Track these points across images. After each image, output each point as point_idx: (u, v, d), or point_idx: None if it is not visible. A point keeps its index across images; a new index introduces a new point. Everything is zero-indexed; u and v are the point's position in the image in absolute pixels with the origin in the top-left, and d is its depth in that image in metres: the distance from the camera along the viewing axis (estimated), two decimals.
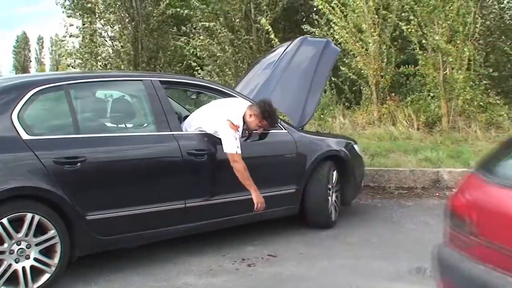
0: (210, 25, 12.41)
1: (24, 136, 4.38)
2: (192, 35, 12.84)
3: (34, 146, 4.38)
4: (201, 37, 12.68)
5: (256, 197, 5.41)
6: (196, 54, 13.16)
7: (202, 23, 12.56)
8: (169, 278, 4.76)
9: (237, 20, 12.58)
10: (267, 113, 5.54)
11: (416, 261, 5.09)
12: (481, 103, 10.71)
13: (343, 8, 11.25)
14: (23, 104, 4.48)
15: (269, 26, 11.52)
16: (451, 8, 10.10)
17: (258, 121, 5.55)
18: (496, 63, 11.88)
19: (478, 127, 10.32)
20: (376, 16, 11.01)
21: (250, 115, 5.52)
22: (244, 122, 5.54)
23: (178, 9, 13.07)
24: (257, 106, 5.57)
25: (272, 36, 11.48)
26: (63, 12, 13.80)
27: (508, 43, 11.99)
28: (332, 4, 11.25)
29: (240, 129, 5.45)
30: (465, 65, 10.19)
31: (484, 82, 11.02)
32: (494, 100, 10.86)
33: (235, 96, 5.92)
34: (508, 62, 11.61)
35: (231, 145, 5.29)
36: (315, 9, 13.65)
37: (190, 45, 12.84)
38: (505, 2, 12.81)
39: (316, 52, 7.22)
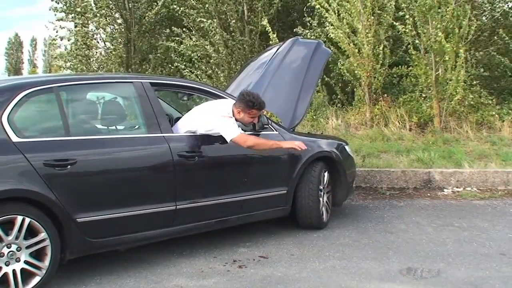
0: (206, 24, 12.35)
1: (14, 138, 4.37)
2: (185, 36, 12.77)
3: (24, 149, 4.37)
4: (194, 38, 12.64)
5: (289, 145, 5.66)
6: (189, 55, 13.13)
7: (200, 19, 12.48)
8: (160, 280, 4.76)
9: (233, 21, 12.57)
10: (251, 103, 5.56)
11: (407, 261, 5.13)
12: (472, 103, 10.76)
13: (339, 7, 11.25)
14: (13, 107, 4.46)
15: (270, 27, 11.52)
16: (447, 10, 10.12)
17: (248, 114, 5.58)
18: (488, 64, 11.91)
19: (470, 128, 10.37)
20: (372, 17, 11.02)
21: (238, 112, 5.56)
22: (237, 120, 5.56)
23: (175, 6, 13.00)
24: (239, 102, 5.60)
25: (274, 35, 11.47)
26: (55, 15, 13.76)
27: (500, 43, 12.01)
28: (329, 3, 11.24)
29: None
30: (459, 65, 10.21)
31: (476, 82, 11.05)
32: (485, 100, 10.90)
33: (225, 98, 5.92)
34: (500, 63, 11.62)
35: (232, 130, 5.36)
36: (308, 10, 13.68)
37: (183, 45, 12.79)
38: (496, 1, 12.85)
39: (307, 53, 7.24)
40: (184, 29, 12.90)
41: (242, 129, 5.72)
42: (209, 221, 5.46)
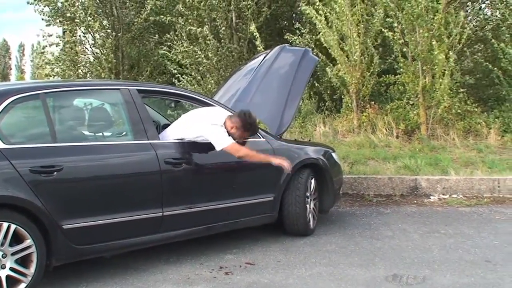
0: (197, 31, 12.31)
1: (0, 145, 4.36)
2: (175, 42, 12.74)
3: (11, 155, 4.36)
4: (185, 44, 12.61)
5: (278, 161, 5.62)
6: (178, 61, 13.12)
7: (189, 27, 12.45)
8: (147, 286, 4.76)
9: (223, 28, 12.58)
10: (248, 125, 5.58)
11: (393, 268, 5.16)
12: (459, 111, 10.83)
13: (328, 15, 11.31)
14: None
15: (257, 33, 11.57)
16: (435, 18, 10.19)
17: (241, 133, 5.56)
18: (474, 71, 12.00)
19: (456, 135, 10.44)
20: (362, 25, 11.07)
21: (232, 127, 5.52)
22: (228, 134, 5.55)
23: (162, 16, 12.98)
24: (238, 118, 5.57)
25: (258, 42, 11.53)
26: (42, 19, 13.67)
27: (489, 51, 12.12)
28: (319, 11, 11.29)
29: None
30: (447, 73, 10.28)
31: (462, 90, 11.13)
32: (472, 108, 10.98)
33: (213, 105, 5.93)
34: (486, 69, 11.71)
35: (224, 139, 5.36)
36: (297, 17, 13.73)
37: (173, 52, 12.77)
38: (485, 11, 12.98)
39: (294, 60, 7.27)
40: (175, 33, 12.86)
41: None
42: (196, 228, 5.46)
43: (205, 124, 5.44)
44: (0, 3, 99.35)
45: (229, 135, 5.51)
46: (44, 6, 13.47)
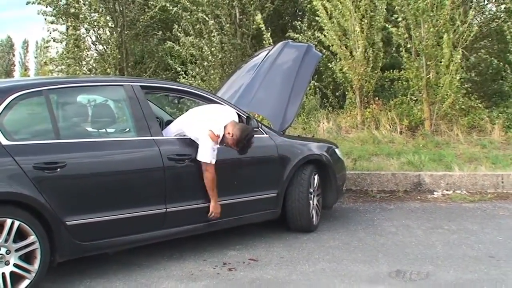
0: (210, 23, 12.25)
1: (4, 141, 4.37)
2: (181, 35, 12.68)
3: (14, 152, 4.37)
4: (191, 38, 12.57)
5: (214, 207, 5.43)
6: (181, 58, 13.09)
7: (201, 14, 12.37)
8: (150, 283, 4.76)
9: (227, 24, 12.56)
10: (241, 144, 5.50)
11: (396, 264, 5.15)
12: (463, 107, 10.81)
13: (332, 9, 11.27)
14: (3, 110, 4.47)
15: (263, 24, 11.57)
16: (441, 13, 10.16)
17: (231, 143, 5.49)
18: (478, 66, 11.97)
19: (460, 131, 10.41)
20: (366, 21, 11.04)
21: (229, 133, 5.47)
22: (222, 137, 5.49)
23: (168, 5, 12.91)
24: (239, 132, 5.46)
25: (264, 31, 11.52)
26: (45, 19, 13.65)
27: (493, 48, 12.09)
28: (325, 5, 11.26)
29: (220, 139, 5.45)
30: (453, 69, 10.25)
31: (466, 85, 11.11)
32: (475, 104, 10.96)
33: (218, 102, 5.90)
34: (491, 65, 11.68)
35: (207, 155, 5.30)
36: (301, 13, 13.70)
37: (181, 45, 12.71)
38: (489, 7, 12.94)
39: (298, 56, 7.26)
40: (179, 28, 12.83)
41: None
42: (199, 224, 5.47)
43: (204, 128, 5.38)
44: (4, 0, 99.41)
45: (223, 136, 5.48)
46: (46, 6, 13.45)
